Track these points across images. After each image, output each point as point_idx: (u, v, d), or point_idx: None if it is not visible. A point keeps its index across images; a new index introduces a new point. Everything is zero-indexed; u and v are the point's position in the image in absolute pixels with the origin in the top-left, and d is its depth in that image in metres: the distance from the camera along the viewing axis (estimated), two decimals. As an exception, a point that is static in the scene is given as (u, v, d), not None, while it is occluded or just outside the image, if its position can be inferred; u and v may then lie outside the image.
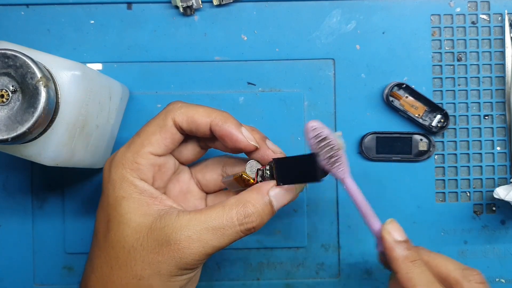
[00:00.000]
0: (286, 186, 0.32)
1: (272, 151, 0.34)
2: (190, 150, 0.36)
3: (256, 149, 0.34)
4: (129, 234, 0.31)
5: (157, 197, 0.33)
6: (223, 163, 0.37)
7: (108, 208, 0.33)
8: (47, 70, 0.31)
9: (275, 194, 0.32)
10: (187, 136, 0.35)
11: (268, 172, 0.33)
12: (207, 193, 0.38)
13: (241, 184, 0.34)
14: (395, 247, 0.32)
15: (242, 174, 0.34)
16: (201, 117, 0.33)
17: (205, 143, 0.36)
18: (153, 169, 0.34)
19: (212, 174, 0.37)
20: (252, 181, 0.34)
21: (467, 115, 0.44)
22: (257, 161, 0.34)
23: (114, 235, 0.32)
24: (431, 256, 0.35)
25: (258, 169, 0.34)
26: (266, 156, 0.34)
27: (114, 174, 0.33)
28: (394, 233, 0.33)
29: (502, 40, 0.44)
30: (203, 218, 0.31)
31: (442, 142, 0.44)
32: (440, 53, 0.44)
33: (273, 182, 0.32)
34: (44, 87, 0.30)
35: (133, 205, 0.32)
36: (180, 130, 0.34)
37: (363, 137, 0.43)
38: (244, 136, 0.33)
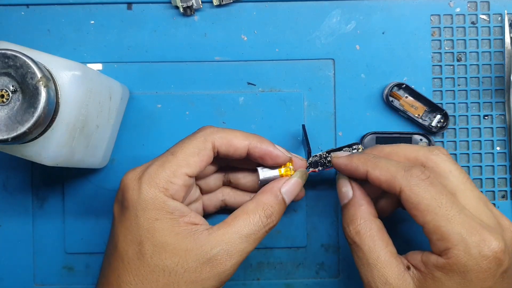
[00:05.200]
0: (294, 180, 0.36)
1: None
2: (214, 180, 0.40)
3: (291, 159, 0.37)
4: (167, 258, 0.32)
5: (187, 214, 0.33)
6: (225, 172, 0.40)
7: (139, 230, 0.32)
8: (47, 70, 0.31)
9: (286, 191, 0.35)
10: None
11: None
12: (202, 193, 0.40)
13: None
14: (344, 160, 0.36)
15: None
16: (239, 141, 0.35)
17: (227, 177, 0.40)
18: (186, 189, 0.34)
19: (215, 181, 0.40)
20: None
21: (466, 115, 0.44)
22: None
23: (151, 258, 0.32)
24: (393, 147, 0.35)
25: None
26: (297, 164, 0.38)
27: (146, 193, 0.32)
28: (339, 154, 0.37)
29: (502, 40, 0.44)
30: (234, 230, 0.33)
31: (442, 142, 0.44)
32: (440, 53, 0.44)
33: (283, 180, 0.36)
34: (44, 87, 0.30)
35: (166, 226, 0.32)
36: (216, 154, 0.35)
37: (363, 137, 0.43)
38: (281, 151, 0.37)
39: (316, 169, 0.39)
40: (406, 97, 0.43)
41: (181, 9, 0.43)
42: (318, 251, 0.44)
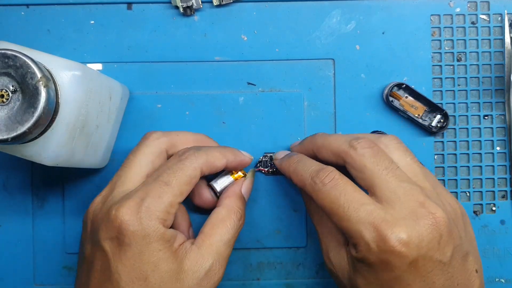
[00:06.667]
0: (249, 181, 0.41)
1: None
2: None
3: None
4: (172, 284, 0.33)
5: (176, 236, 0.34)
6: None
7: (144, 266, 0.32)
8: (47, 70, 0.31)
9: (245, 191, 0.39)
10: None
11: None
12: None
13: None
14: (280, 162, 0.39)
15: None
16: (219, 161, 0.37)
17: None
18: (175, 214, 0.35)
19: None
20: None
21: (466, 115, 0.44)
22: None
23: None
24: (325, 139, 0.37)
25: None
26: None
27: (148, 228, 0.32)
28: (278, 156, 0.41)
29: (502, 40, 0.44)
30: (218, 238, 0.35)
31: (442, 142, 0.44)
32: (440, 53, 0.44)
33: (241, 182, 0.40)
34: (44, 87, 0.30)
35: (168, 254, 0.33)
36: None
37: (363, 137, 0.43)
38: (248, 157, 0.40)
39: (264, 169, 0.43)
40: (406, 97, 0.43)
41: (181, 9, 0.43)
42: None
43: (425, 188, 0.33)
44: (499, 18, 0.44)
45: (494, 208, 0.44)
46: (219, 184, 0.40)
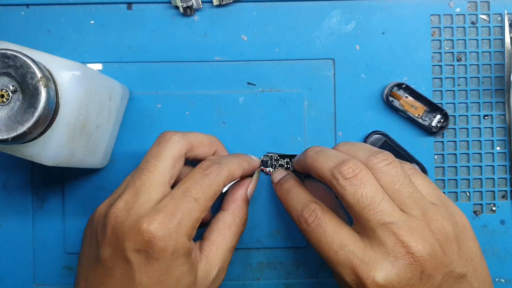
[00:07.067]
0: (255, 181, 0.41)
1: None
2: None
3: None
4: None
5: (193, 248, 0.35)
6: None
7: (169, 279, 0.32)
8: (47, 70, 0.31)
9: (250, 193, 0.40)
10: None
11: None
12: None
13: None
14: (275, 187, 0.40)
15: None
16: (237, 173, 0.37)
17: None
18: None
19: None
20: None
21: (466, 115, 0.44)
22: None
23: None
24: (313, 158, 0.36)
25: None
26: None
27: (177, 243, 0.32)
28: (273, 179, 0.41)
29: (502, 40, 0.44)
30: (224, 246, 0.36)
31: (442, 142, 0.44)
32: (440, 53, 0.44)
33: (247, 183, 0.40)
34: (44, 87, 0.30)
35: (189, 267, 0.34)
36: None
37: (367, 137, 0.43)
38: (257, 161, 0.42)
39: (265, 169, 0.43)
40: (406, 97, 0.43)
41: (181, 9, 0.43)
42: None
43: (413, 217, 0.32)
44: (499, 18, 0.44)
45: (494, 208, 0.44)
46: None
